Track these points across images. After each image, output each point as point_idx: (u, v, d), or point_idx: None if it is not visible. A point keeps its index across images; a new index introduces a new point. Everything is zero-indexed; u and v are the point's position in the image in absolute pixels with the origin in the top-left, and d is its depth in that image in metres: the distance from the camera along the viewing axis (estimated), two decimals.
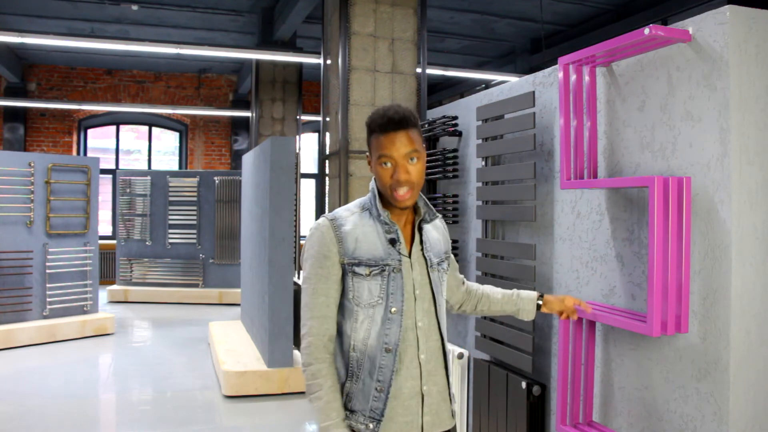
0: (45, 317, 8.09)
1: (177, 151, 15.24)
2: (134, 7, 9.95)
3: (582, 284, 2.92)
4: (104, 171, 12.41)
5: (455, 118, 4.18)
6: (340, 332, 2.02)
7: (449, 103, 4.55)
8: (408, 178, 1.93)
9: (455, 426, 2.13)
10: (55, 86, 13.82)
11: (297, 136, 10.12)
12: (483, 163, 3.74)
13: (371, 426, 1.94)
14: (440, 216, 2.23)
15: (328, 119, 5.62)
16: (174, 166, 15.09)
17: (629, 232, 2.61)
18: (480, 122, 3.76)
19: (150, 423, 5.27)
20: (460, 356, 3.95)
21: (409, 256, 2.02)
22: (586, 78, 2.75)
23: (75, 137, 14.09)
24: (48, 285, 8.11)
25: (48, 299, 8.12)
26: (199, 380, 6.42)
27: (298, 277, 6.21)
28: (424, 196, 2.09)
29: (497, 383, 3.51)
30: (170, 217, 11.43)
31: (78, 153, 14.11)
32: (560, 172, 2.77)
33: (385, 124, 1.93)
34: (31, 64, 13.59)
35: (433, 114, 4.59)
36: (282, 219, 5.74)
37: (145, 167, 14.72)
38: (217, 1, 9.80)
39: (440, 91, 14.83)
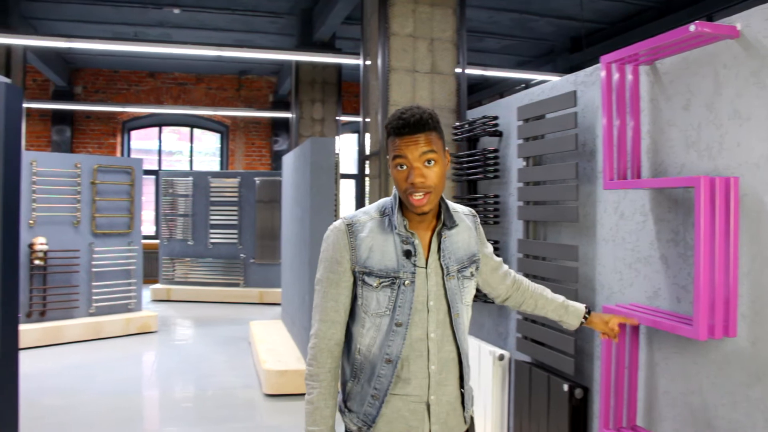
0: (91, 315, 8.27)
1: (218, 152, 15.42)
2: (176, 11, 10.10)
3: (625, 286, 2.88)
4: (147, 172, 12.62)
5: (495, 118, 4.15)
6: (349, 333, 2.03)
7: (489, 103, 4.52)
8: (423, 181, 1.85)
9: (469, 428, 2.10)
10: (100, 89, 14.11)
11: (336, 137, 10.16)
12: (524, 163, 3.71)
13: (363, 429, 1.96)
14: (474, 213, 2.18)
15: (367, 120, 5.62)
16: (215, 166, 15.27)
17: (674, 233, 2.56)
18: (521, 122, 3.73)
19: (192, 420, 5.34)
20: (501, 358, 3.92)
21: (426, 266, 1.96)
22: (629, 77, 2.70)
23: (119, 139, 14.35)
24: (94, 283, 8.29)
25: (94, 297, 8.30)
26: (240, 379, 6.49)
27: None
28: (446, 201, 2.03)
29: (538, 385, 3.48)
30: (211, 217, 11.58)
31: (122, 154, 14.37)
32: (603, 173, 2.73)
33: (401, 126, 1.86)
34: (77, 68, 13.89)
35: (474, 114, 4.56)
36: (322, 219, 5.76)
37: (187, 168, 14.92)
38: (256, 3, 9.88)
39: (479, 91, 14.75)
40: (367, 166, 5.62)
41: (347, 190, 14.28)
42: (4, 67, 8.95)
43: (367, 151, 5.57)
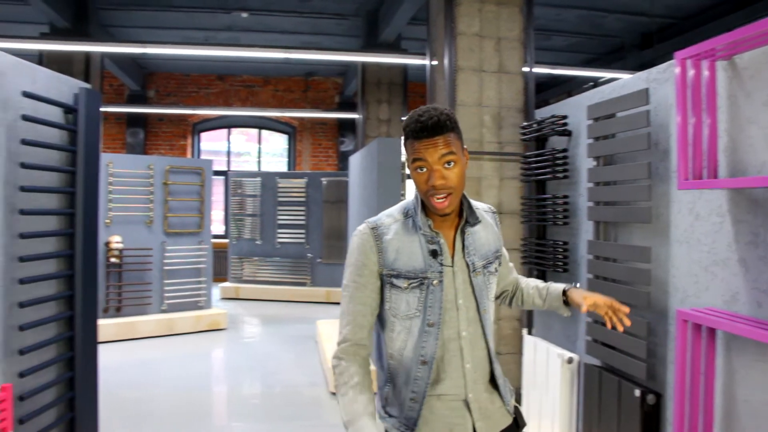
0: (163, 311, 8.51)
1: (285, 153, 15.66)
2: (244, 15, 10.29)
3: (701, 289, 2.79)
4: (217, 173, 12.89)
5: (564, 117, 4.08)
6: (378, 339, 2.03)
7: (556, 102, 4.45)
8: (444, 183, 1.84)
9: (516, 418, 2.07)
10: (171, 92, 14.52)
11: (403, 137, 10.16)
12: (594, 163, 3.63)
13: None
14: (493, 210, 2.19)
15: None
16: (282, 167, 15.50)
17: (754, 235, 2.46)
18: (591, 121, 3.66)
19: (259, 416, 5.44)
20: (570, 361, 3.86)
21: (452, 264, 1.96)
22: (705, 73, 2.61)
23: (189, 140, 14.73)
24: (166, 281, 8.53)
25: (165, 294, 8.54)
26: (306, 377, 6.57)
27: None
28: (468, 199, 2.01)
29: (608, 390, 3.40)
30: (279, 217, 11.75)
31: (192, 156, 14.74)
32: (677, 172, 2.65)
33: (419, 129, 1.84)
34: (150, 72, 14.33)
35: (542, 113, 4.50)
36: None
37: (255, 169, 15.19)
38: (322, 5, 9.99)
39: (546, 90, 14.52)
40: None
41: (413, 190, 14.26)
42: (84, 73, 9.30)
43: None
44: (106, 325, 7.76)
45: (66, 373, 3.28)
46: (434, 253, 1.93)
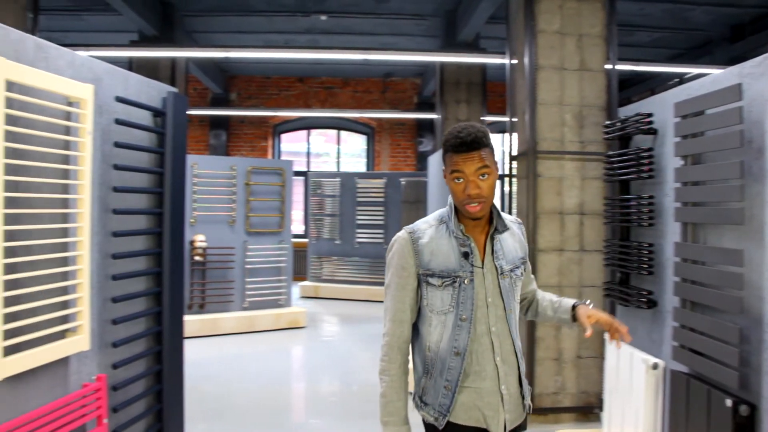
0: (245, 309, 8.72)
1: (364, 154, 15.78)
2: (323, 18, 10.43)
3: None
4: (297, 173, 13.11)
5: (650, 115, 3.96)
6: (418, 332, 2.26)
7: (639, 100, 4.32)
8: (479, 192, 2.08)
9: (526, 417, 2.28)
10: (252, 95, 14.85)
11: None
12: (682, 162, 3.51)
13: (439, 419, 2.16)
14: (519, 221, 2.42)
15: (514, 120, 5.54)
16: (361, 167, 15.63)
17: None
18: (678, 119, 3.53)
19: (337, 414, 5.50)
20: (655, 366, 3.73)
21: (482, 266, 2.18)
22: None
23: (270, 142, 15.04)
24: (247, 279, 8.73)
25: (247, 292, 8.74)
26: None
27: None
28: (497, 208, 2.23)
29: (697, 399, 3.27)
30: (358, 217, 11.85)
31: (273, 156, 15.04)
32: None
33: (459, 144, 2.08)
34: (232, 75, 14.70)
35: (626, 112, 4.37)
36: None
37: (334, 169, 15.37)
38: (401, 6, 10.01)
39: (629, 87, 14.09)
40: (514, 166, 5.53)
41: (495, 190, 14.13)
42: (170, 77, 9.64)
43: (515, 152, 5.48)
44: (190, 322, 8.00)
45: (154, 366, 3.41)
46: (466, 255, 2.17)
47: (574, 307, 2.37)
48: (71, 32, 10.94)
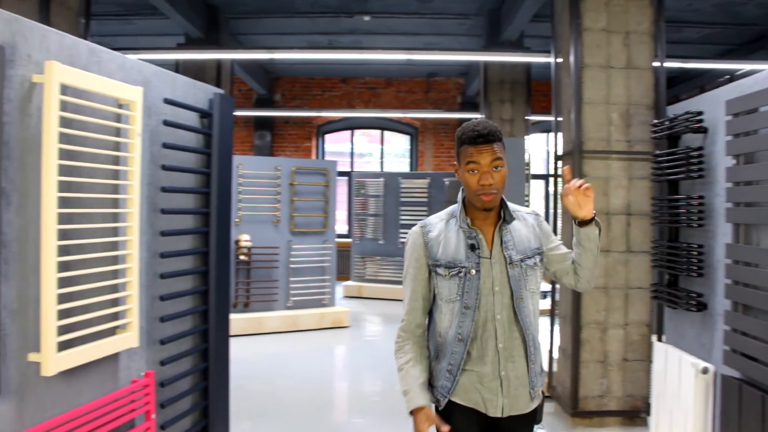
0: (289, 308, 8.79)
1: (408, 154, 15.77)
2: (366, 18, 10.45)
3: None
4: (340, 173, 13.17)
5: (699, 113, 3.88)
6: (432, 319, 2.41)
7: (687, 98, 4.23)
8: (493, 183, 2.20)
9: (537, 408, 2.38)
10: (296, 96, 14.97)
11: (526, 137, 10.00)
12: (734, 161, 3.42)
13: (441, 401, 2.34)
14: (537, 213, 2.48)
15: (560, 119, 5.48)
16: (405, 168, 15.62)
17: None
18: (730, 117, 3.45)
19: (379, 413, 5.51)
20: (705, 371, 3.65)
21: (490, 257, 2.29)
22: None
23: (314, 142, 15.14)
24: (291, 279, 8.80)
25: (291, 292, 8.81)
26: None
27: None
28: (506, 202, 2.34)
29: (750, 406, 3.19)
30: (401, 217, 11.82)
31: (317, 157, 15.13)
32: None
33: (475, 137, 2.21)
34: (276, 77, 14.84)
35: (674, 110, 4.29)
36: None
37: (378, 169, 15.39)
38: (444, 6, 9.98)
39: (677, 85, 13.80)
40: (559, 166, 5.47)
41: (536, 191, 14.01)
42: (215, 79, 9.78)
43: (560, 152, 5.42)
44: (234, 320, 8.09)
45: (201, 363, 3.46)
46: (472, 247, 2.29)
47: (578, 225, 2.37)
48: (120, 36, 11.18)
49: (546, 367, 5.70)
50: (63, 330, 2.39)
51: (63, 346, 2.39)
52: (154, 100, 3.05)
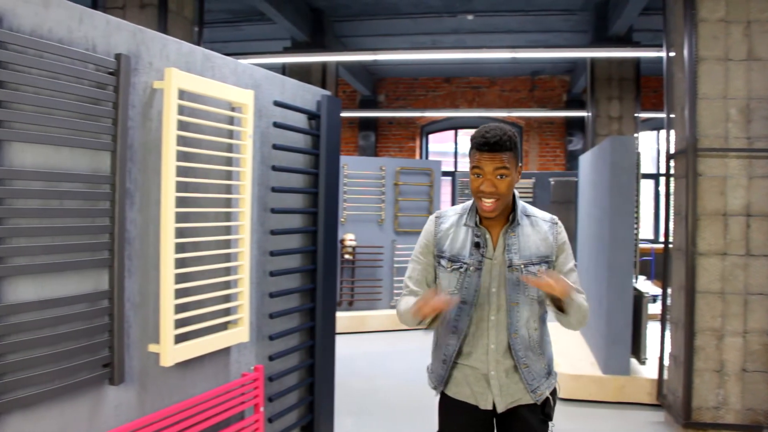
0: (392, 307, 8.84)
1: None
2: (470, 17, 10.39)
3: None
4: (444, 173, 13.15)
5: None
6: None
7: None
8: (493, 191, 2.22)
9: (545, 402, 2.40)
10: (400, 96, 15.08)
11: (635, 135, 9.66)
12: None
13: (438, 388, 2.53)
14: (555, 221, 2.46)
15: (672, 116, 5.25)
16: None
17: None
18: None
19: None
20: None
21: (493, 258, 2.34)
22: None
23: (418, 142, 15.20)
24: (395, 278, 8.87)
25: (395, 291, 8.88)
26: None
27: (637, 281, 5.92)
28: (521, 205, 2.38)
29: None
30: None
31: (420, 157, 15.19)
32: None
33: (482, 144, 2.22)
34: (380, 78, 15.00)
35: None
36: (622, 221, 5.53)
37: None
38: (549, 2, 9.78)
39: None
40: (672, 165, 5.25)
41: (647, 190, 13.49)
42: (321, 81, 10.00)
43: (673, 149, 5.20)
44: (338, 318, 8.17)
45: (307, 359, 3.55)
46: (477, 245, 2.34)
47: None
48: (230, 42, 11.63)
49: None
50: (179, 323, 2.51)
51: (179, 338, 2.51)
52: (265, 102, 3.15)
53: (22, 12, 1.93)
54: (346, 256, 8.46)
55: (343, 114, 14.31)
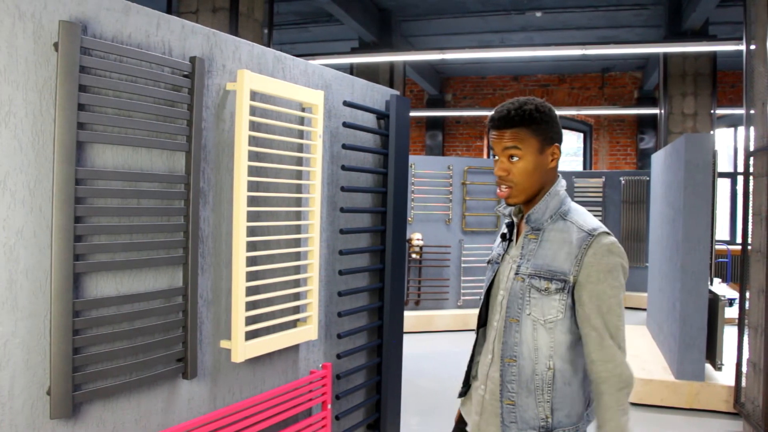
0: (459, 307, 8.81)
1: (581, 152, 15.28)
2: (538, 14, 10.25)
3: None
4: None
5: None
6: None
7: None
8: (504, 175, 1.88)
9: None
10: (467, 95, 14.99)
11: (711, 132, 9.33)
12: None
13: (461, 392, 2.20)
14: (593, 234, 1.83)
15: (752, 112, 5.05)
16: (578, 166, 15.16)
17: None
18: None
19: None
20: None
21: (509, 256, 1.99)
22: None
23: (485, 141, 15.07)
24: (462, 278, 8.82)
25: (462, 291, 8.83)
26: None
27: (712, 284, 5.72)
28: (560, 203, 1.92)
29: None
30: None
31: (488, 156, 15.04)
32: None
33: (491, 119, 1.92)
34: (447, 77, 14.95)
35: None
36: (697, 221, 5.35)
37: None
38: None
39: None
40: (751, 163, 5.05)
41: (723, 189, 13.03)
42: (388, 81, 10.03)
43: (752, 147, 5.00)
44: (405, 317, 8.24)
45: (375, 358, 3.56)
46: (503, 236, 2.05)
47: None
48: (298, 44, 11.79)
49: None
50: (250, 321, 2.56)
51: (250, 335, 2.56)
52: (334, 102, 3.18)
53: (105, 19, 2.00)
54: (414, 256, 8.46)
55: (411, 113, 14.39)
